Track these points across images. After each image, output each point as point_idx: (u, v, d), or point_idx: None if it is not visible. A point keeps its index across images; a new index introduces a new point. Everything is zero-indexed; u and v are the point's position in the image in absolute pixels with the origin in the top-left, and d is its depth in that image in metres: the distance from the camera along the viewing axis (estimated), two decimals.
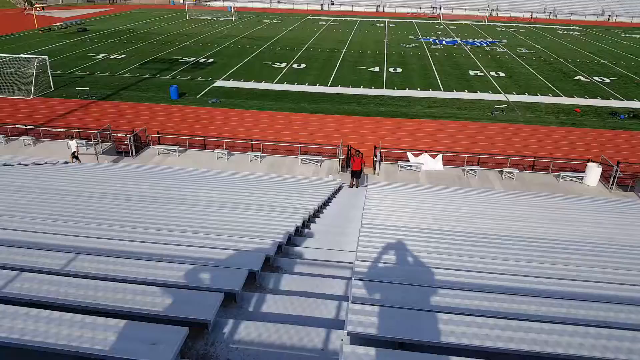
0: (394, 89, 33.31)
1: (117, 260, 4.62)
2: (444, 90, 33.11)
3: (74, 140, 19.46)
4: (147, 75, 34.83)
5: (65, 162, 16.62)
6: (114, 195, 9.57)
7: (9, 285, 3.85)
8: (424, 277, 5.04)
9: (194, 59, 40.76)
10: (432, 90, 33.19)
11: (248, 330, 3.80)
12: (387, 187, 15.70)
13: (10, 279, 3.95)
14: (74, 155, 19.13)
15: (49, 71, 32.06)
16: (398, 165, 20.82)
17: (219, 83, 33.44)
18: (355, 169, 17.99)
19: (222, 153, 21.15)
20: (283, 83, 33.97)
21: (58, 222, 6.58)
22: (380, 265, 5.46)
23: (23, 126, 23.51)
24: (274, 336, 3.77)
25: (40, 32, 53.17)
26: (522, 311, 4.02)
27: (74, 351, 3.04)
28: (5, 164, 12.80)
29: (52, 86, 31.28)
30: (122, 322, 3.29)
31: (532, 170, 21.06)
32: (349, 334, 3.49)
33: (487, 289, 4.62)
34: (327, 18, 72.17)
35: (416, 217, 9.46)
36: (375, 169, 20.75)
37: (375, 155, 20.78)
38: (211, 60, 40.46)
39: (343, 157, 21.11)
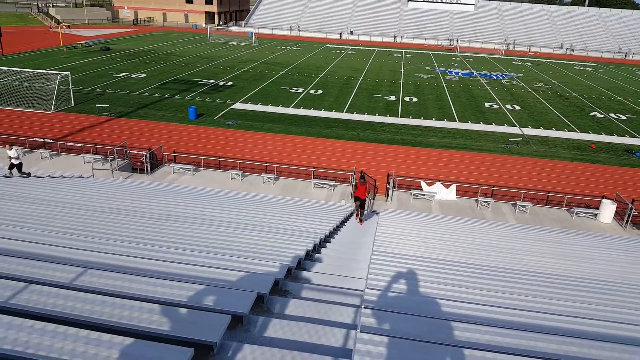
0: (409, 117, 33.44)
1: (125, 276, 4.59)
2: (459, 121, 33.13)
3: (12, 149, 15.86)
4: (166, 95, 35.49)
5: (81, 177, 16.83)
6: (127, 211, 9.62)
7: (17, 297, 3.84)
8: (434, 308, 4.92)
9: (213, 81, 41.52)
10: (447, 120, 33.24)
11: (253, 355, 3.72)
12: (400, 215, 15.58)
13: (18, 290, 3.94)
14: (12, 167, 15.73)
15: (70, 87, 32.85)
16: (411, 193, 20.71)
17: (237, 105, 33.92)
18: (357, 196, 14.72)
19: (236, 174, 21.27)
20: (299, 108, 34.34)
21: (69, 236, 6.61)
22: (391, 294, 5.35)
23: (41, 139, 23.98)
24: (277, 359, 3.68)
25: (65, 49, 54.77)
26: (531, 347, 3.88)
27: None
28: (21, 176, 12.99)
29: (72, 102, 32.00)
30: (127, 340, 3.25)
31: (545, 204, 20.77)
32: None
33: (497, 324, 4.48)
34: (345, 47, 73.36)
35: (428, 246, 9.33)
36: (388, 197, 20.66)
37: (388, 183, 20.73)
38: (230, 83, 41.16)
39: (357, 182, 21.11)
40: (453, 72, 54.14)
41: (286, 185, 21.06)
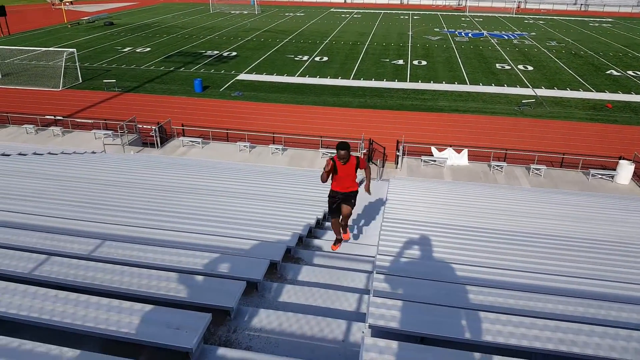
0: (418, 82, 32.90)
1: (142, 247, 4.71)
2: (470, 84, 32.53)
3: None
4: (171, 69, 35.24)
5: (93, 152, 16.98)
6: (140, 184, 9.75)
7: (39, 269, 3.97)
8: (446, 273, 4.99)
9: (217, 52, 41.03)
10: (458, 83, 32.66)
11: (269, 319, 3.83)
12: (410, 182, 15.54)
13: (40, 263, 4.07)
14: None
15: (77, 64, 32.73)
16: (421, 160, 20.60)
17: (242, 76, 33.61)
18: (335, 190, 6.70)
19: (244, 145, 21.30)
20: (305, 76, 33.93)
21: (85, 209, 6.74)
22: (402, 259, 5.42)
23: (52, 117, 24.11)
24: (294, 326, 3.79)
25: (69, 26, 54.28)
26: (548, 310, 3.93)
27: (100, 333, 3.12)
28: (35, 153, 13.16)
29: (80, 78, 31.96)
30: (147, 307, 3.36)
31: (560, 167, 20.55)
32: (370, 326, 3.48)
33: (510, 287, 4.54)
34: (350, 11, 71.66)
35: (439, 212, 9.34)
36: (397, 164, 20.59)
37: (397, 150, 20.61)
38: (234, 53, 40.66)
39: (365, 151, 21.01)
40: (462, 33, 52.80)
41: (294, 156, 21.06)
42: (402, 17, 65.86)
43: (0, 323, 3.30)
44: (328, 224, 8.75)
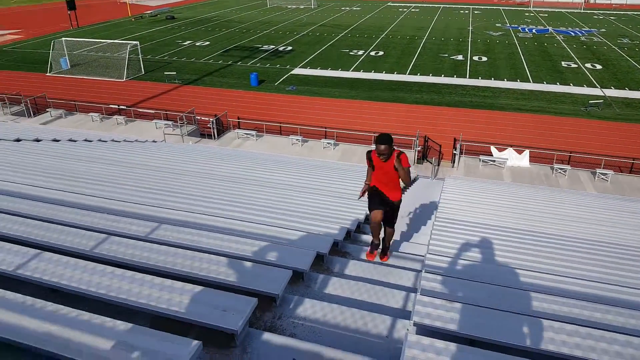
0: (478, 78, 31.86)
1: (195, 231, 4.86)
2: (533, 82, 31.09)
3: None
4: (229, 62, 36.14)
5: (154, 141, 17.75)
6: (196, 173, 10.08)
7: (99, 247, 4.19)
8: (500, 276, 4.79)
9: (273, 47, 41.63)
10: (520, 81, 31.30)
11: (314, 309, 3.84)
12: (466, 181, 15.09)
13: (100, 241, 4.30)
14: None
15: (139, 56, 34.26)
16: (480, 159, 19.96)
17: (296, 71, 33.92)
18: (377, 188, 5.36)
19: (297, 139, 21.52)
20: (359, 71, 33.74)
21: (144, 194, 7.06)
22: (453, 260, 5.26)
23: (116, 106, 25.43)
24: (339, 317, 3.78)
25: (133, 19, 56.92)
26: (607, 321, 3.69)
27: (152, 310, 3.25)
28: (100, 140, 13.93)
29: (142, 70, 33.45)
30: (197, 288, 3.47)
31: (629, 173, 19.22)
32: (415, 324, 3.41)
33: (564, 294, 4.29)
34: (408, 5, 70.38)
35: (495, 214, 8.99)
36: (454, 163, 20.06)
37: (454, 148, 20.07)
38: (289, 48, 41.09)
39: (419, 149, 20.63)
40: (526, 29, 50.50)
41: (346, 151, 21.03)
42: (462, 11, 63.92)
43: (63, 294, 3.51)
44: None
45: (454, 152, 20.06)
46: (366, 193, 5.39)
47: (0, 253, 3.81)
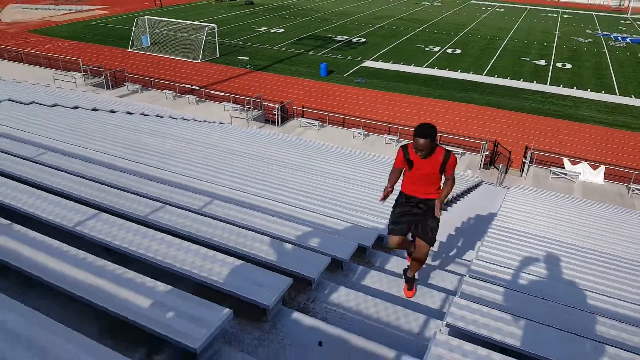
0: (559, 86, 30.03)
1: (244, 209, 5.03)
2: (620, 95, 28.83)
3: None
4: (301, 51, 36.57)
5: (220, 123, 18.42)
6: (255, 156, 10.38)
7: (154, 214, 4.45)
8: (547, 290, 4.55)
9: (346, 37, 41.57)
10: (605, 92, 29.14)
11: (348, 298, 3.86)
12: (532, 192, 14.38)
13: (156, 209, 4.56)
14: None
15: (216, 39, 35.44)
16: (550, 170, 18.91)
17: (367, 63, 33.69)
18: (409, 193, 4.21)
19: (359, 132, 21.46)
20: (433, 68, 32.91)
21: (203, 170, 7.38)
22: (500, 268, 5.06)
23: (189, 86, 26.59)
24: (372, 309, 3.78)
25: (214, 2, 58.91)
26: None
27: (193, 276, 3.44)
28: (171, 117, 14.67)
29: (217, 53, 34.60)
30: (237, 262, 3.61)
31: None
32: (447, 325, 3.34)
33: (619, 318, 4.00)
34: (492, 4, 67.43)
35: (557, 229, 8.50)
36: (522, 172, 19.16)
37: (525, 157, 19.17)
38: (363, 40, 40.84)
39: (487, 153, 19.89)
40: (619, 37, 46.75)
41: None
42: (550, 14, 60.33)
43: (114, 253, 3.78)
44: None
45: (524, 160, 19.15)
46: (392, 200, 4.30)
47: (63, 210, 4.16)
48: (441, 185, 4.11)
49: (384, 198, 4.09)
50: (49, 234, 3.63)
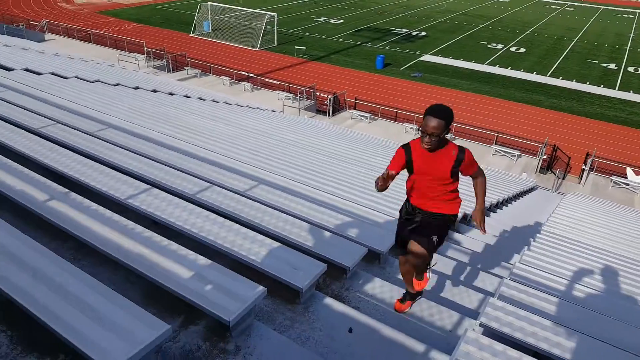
0: (629, 91, 28.17)
1: (286, 195, 5.14)
2: None
3: None
4: (358, 42, 36.34)
5: (272, 111, 18.71)
6: (303, 145, 10.50)
7: (201, 193, 4.64)
8: (593, 300, 4.35)
9: (406, 31, 40.87)
10: None
11: (382, 289, 3.88)
12: (589, 200, 13.68)
13: (204, 188, 4.75)
14: None
15: (275, 27, 35.83)
16: (612, 180, 17.88)
17: (426, 57, 33.00)
18: (414, 204, 3.46)
19: (411, 127, 21.14)
20: (495, 65, 31.76)
21: (252, 155, 7.57)
22: (543, 274, 4.88)
23: (245, 73, 27.14)
24: None
25: None
26: None
27: (232, 254, 3.58)
28: (226, 102, 15.08)
29: (275, 42, 35.01)
30: (275, 244, 3.71)
31: None
32: (481, 325, 3.28)
33: None
34: (562, 2, 63.94)
35: (612, 239, 8.06)
36: (581, 179, 18.24)
37: (585, 163, 18.22)
38: (423, 33, 40.00)
39: (545, 157, 19.07)
40: None
41: None
42: (625, 15, 56.46)
43: (161, 227, 3.98)
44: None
45: (584, 167, 18.19)
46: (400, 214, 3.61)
47: (117, 183, 4.42)
48: (458, 195, 3.33)
49: (381, 187, 3.04)
50: (103, 204, 3.88)
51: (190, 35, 36.72)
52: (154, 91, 12.70)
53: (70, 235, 3.53)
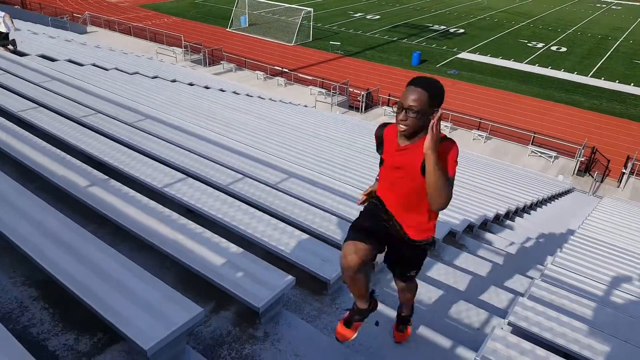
0: None
1: (315, 189, 5.19)
2: None
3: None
4: (394, 39, 35.96)
5: (305, 106, 18.81)
6: (333, 140, 10.55)
7: (234, 184, 4.75)
8: (627, 303, 4.22)
9: (444, 27, 40.17)
10: None
11: None
12: (627, 204, 13.19)
13: (236, 180, 4.86)
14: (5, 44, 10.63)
15: (311, 23, 35.82)
16: None
17: (463, 55, 32.37)
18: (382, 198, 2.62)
19: (445, 126, 20.82)
20: (534, 64, 30.85)
21: (285, 150, 7.67)
22: (576, 276, 4.77)
23: (280, 68, 27.32)
24: (433, 299, 3.79)
25: None
26: None
27: (263, 244, 3.66)
28: (259, 97, 15.27)
29: (310, 37, 35.02)
30: (304, 236, 3.78)
31: None
32: (509, 323, 3.25)
33: None
34: (609, 1, 61.35)
35: None
36: (620, 182, 17.57)
37: (625, 167, 17.55)
38: (461, 30, 39.22)
39: (583, 159, 18.45)
40: None
41: (498, 147, 19.74)
42: None
43: (196, 215, 4.10)
44: (510, 222, 8.11)
45: (624, 170, 17.52)
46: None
47: (155, 172, 4.58)
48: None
49: (364, 201, 2.72)
50: (140, 192, 4.03)
51: (227, 29, 37.19)
52: (190, 84, 13.00)
53: (108, 220, 3.69)
